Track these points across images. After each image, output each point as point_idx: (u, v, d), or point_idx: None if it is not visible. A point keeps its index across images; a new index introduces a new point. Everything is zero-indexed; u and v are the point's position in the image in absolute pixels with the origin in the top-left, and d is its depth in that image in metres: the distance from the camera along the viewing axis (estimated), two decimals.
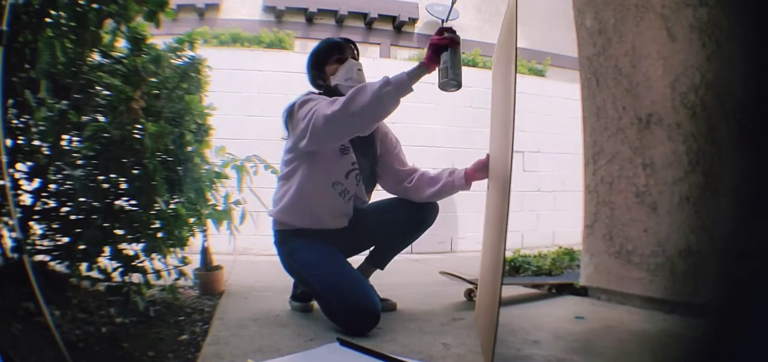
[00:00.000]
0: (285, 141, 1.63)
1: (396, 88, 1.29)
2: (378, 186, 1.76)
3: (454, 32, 1.33)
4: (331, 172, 1.54)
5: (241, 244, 2.76)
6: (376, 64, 4.00)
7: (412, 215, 1.68)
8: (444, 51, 1.31)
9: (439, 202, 1.71)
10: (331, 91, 1.59)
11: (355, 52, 1.67)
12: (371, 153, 1.67)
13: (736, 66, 1.37)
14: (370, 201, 1.73)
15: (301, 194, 1.55)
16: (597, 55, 1.79)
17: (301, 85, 1.71)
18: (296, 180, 1.56)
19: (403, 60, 4.53)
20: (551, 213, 4.35)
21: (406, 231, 1.70)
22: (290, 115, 1.54)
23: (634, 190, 1.65)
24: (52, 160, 1.42)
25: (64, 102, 1.36)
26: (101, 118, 1.46)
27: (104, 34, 1.41)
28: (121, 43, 1.47)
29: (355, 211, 1.64)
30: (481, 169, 1.58)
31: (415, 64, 1.34)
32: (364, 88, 1.33)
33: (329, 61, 1.62)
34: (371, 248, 1.76)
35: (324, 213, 1.57)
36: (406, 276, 2.48)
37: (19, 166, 1.38)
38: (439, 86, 1.34)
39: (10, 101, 1.28)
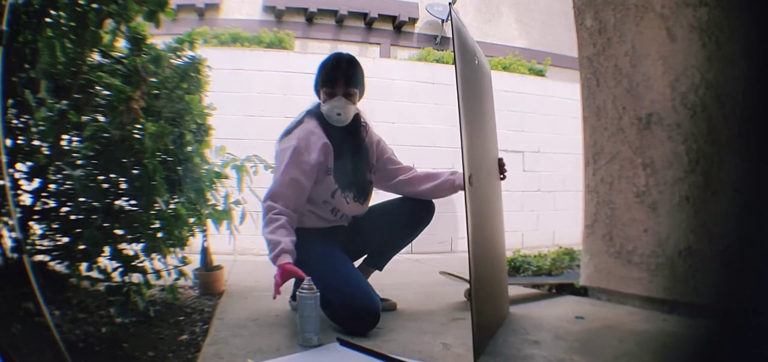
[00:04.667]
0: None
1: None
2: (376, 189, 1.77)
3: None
4: (320, 190, 1.57)
5: (241, 244, 2.75)
6: (376, 63, 3.99)
7: (408, 215, 1.69)
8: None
9: (436, 202, 1.72)
10: (320, 112, 1.63)
11: (347, 90, 1.60)
12: (366, 162, 1.69)
13: (736, 66, 1.37)
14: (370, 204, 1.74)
15: None
16: (597, 55, 1.78)
17: (301, 85, 1.71)
18: None
19: (403, 60, 4.52)
20: (551, 213, 4.33)
21: (403, 231, 1.72)
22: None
23: (634, 190, 1.65)
24: (52, 160, 1.42)
25: (64, 102, 1.36)
26: (101, 118, 1.46)
27: (104, 34, 1.41)
28: (121, 43, 1.47)
29: (353, 217, 1.67)
30: None
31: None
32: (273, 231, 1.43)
33: (324, 88, 1.61)
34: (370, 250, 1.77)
35: (315, 219, 1.60)
36: (406, 276, 2.48)
37: (19, 166, 1.38)
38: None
39: (10, 101, 1.28)
